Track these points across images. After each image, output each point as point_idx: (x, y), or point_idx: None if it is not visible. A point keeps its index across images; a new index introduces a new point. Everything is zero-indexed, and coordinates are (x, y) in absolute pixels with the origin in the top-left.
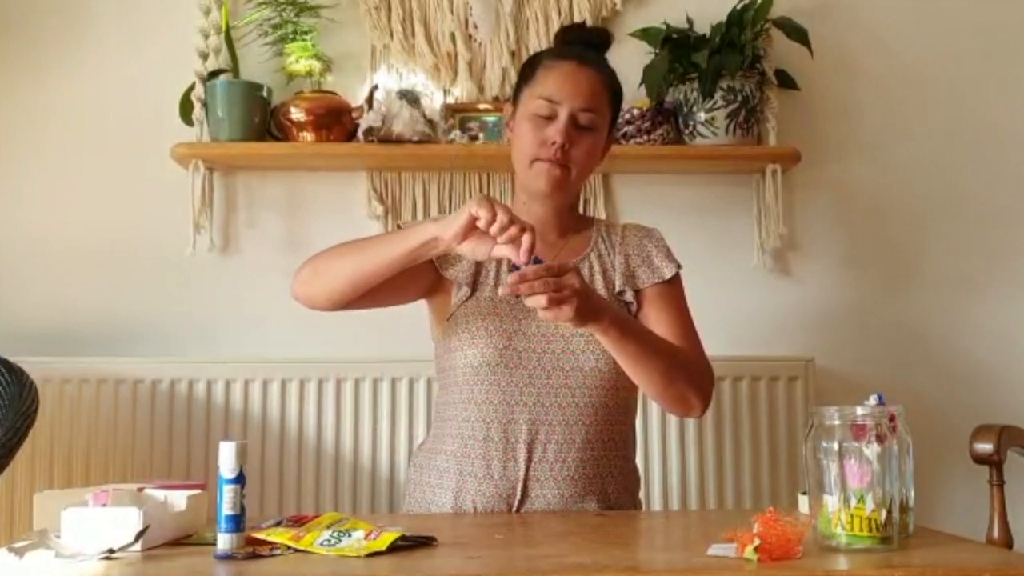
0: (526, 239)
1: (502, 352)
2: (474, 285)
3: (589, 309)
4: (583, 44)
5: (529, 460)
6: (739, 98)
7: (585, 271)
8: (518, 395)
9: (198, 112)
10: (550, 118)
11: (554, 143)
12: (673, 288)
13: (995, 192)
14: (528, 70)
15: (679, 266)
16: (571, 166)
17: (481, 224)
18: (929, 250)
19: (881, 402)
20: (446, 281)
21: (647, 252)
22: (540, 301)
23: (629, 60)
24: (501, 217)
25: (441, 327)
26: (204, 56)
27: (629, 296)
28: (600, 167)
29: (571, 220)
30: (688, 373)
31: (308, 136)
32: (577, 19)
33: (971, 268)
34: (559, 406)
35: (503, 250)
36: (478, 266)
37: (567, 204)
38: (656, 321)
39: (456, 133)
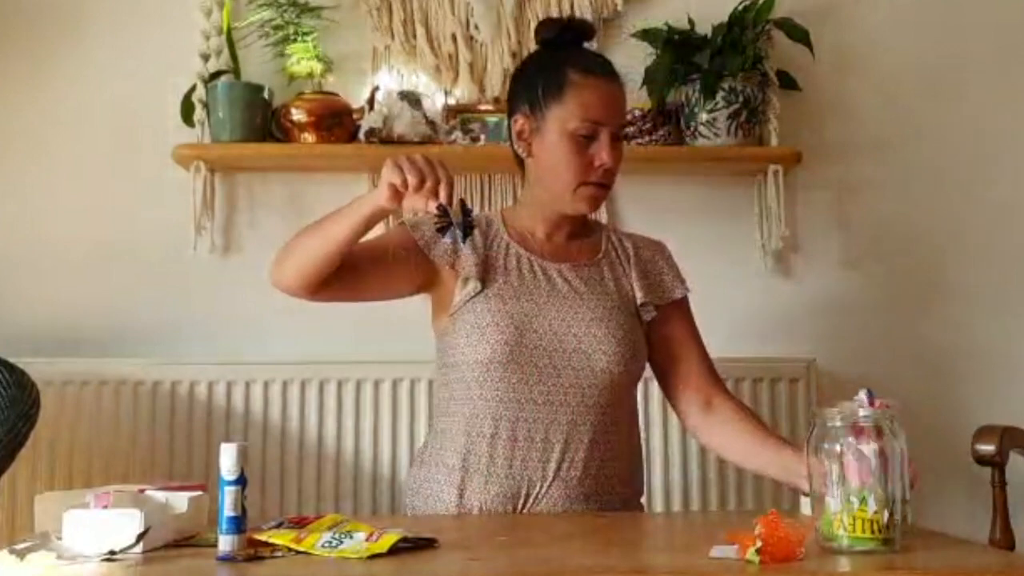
0: (442, 192)
1: (514, 348)
2: (483, 279)
3: None
4: (577, 41)
5: (537, 459)
6: (740, 99)
7: (600, 275)
8: (528, 392)
9: (199, 113)
10: (590, 137)
11: (601, 165)
12: (686, 306)
13: (996, 192)
14: (552, 84)
15: (687, 289)
16: (610, 184)
17: (401, 188)
18: (930, 250)
19: (871, 397)
20: (444, 273)
21: (660, 269)
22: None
23: (631, 61)
24: (411, 180)
25: (445, 321)
26: (205, 57)
27: (651, 310)
28: None
29: (581, 224)
30: None
31: (309, 137)
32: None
33: (972, 268)
34: (568, 405)
35: (416, 203)
36: (486, 259)
37: None
38: (686, 336)
39: (457, 134)
